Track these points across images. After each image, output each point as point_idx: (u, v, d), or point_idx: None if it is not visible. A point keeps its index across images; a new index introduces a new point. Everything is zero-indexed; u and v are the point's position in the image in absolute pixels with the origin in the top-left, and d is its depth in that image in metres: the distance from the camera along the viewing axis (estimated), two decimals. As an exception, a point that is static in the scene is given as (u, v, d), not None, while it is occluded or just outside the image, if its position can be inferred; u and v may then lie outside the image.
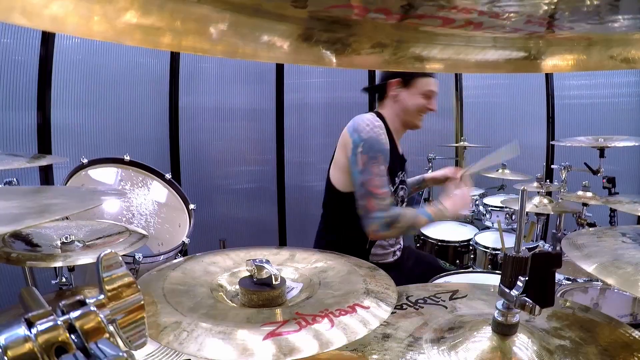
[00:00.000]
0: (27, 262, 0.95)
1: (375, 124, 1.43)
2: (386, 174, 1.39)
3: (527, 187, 1.38)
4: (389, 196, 1.37)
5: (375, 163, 1.37)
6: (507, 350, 0.59)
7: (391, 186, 1.47)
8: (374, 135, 1.39)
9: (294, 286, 0.74)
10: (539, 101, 3.16)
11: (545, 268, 0.54)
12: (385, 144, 1.41)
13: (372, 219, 1.36)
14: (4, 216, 0.66)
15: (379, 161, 1.37)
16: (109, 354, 0.28)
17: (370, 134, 1.39)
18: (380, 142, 1.40)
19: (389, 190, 1.39)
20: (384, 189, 1.36)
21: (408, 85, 1.50)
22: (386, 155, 1.40)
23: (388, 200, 1.37)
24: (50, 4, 0.36)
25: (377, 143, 1.39)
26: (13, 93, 2.21)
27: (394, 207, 1.39)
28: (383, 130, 1.42)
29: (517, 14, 0.48)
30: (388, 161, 1.40)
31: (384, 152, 1.39)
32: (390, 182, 1.46)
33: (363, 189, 1.37)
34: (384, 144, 1.40)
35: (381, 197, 1.35)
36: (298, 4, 0.46)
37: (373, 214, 1.35)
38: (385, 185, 1.37)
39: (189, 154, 2.90)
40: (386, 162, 1.39)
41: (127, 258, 1.47)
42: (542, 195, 1.87)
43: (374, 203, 1.35)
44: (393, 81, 1.51)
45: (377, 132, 1.40)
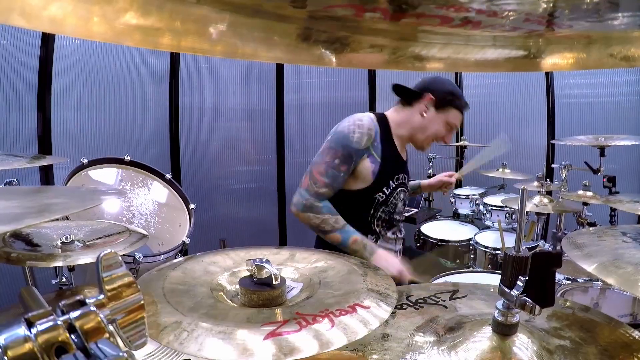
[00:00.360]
0: (27, 262, 0.95)
1: (357, 123, 1.41)
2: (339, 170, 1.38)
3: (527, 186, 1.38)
4: (325, 188, 1.37)
5: (332, 154, 1.38)
6: (507, 350, 0.58)
7: (385, 189, 1.47)
8: (346, 131, 1.39)
9: (294, 286, 0.74)
10: (539, 100, 3.16)
11: (546, 268, 0.54)
12: (356, 143, 1.38)
13: (297, 193, 1.41)
14: (4, 216, 0.67)
15: (336, 153, 1.38)
16: (109, 354, 0.28)
17: (344, 130, 1.40)
18: (348, 139, 1.38)
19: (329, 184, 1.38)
20: (324, 178, 1.37)
21: (439, 108, 1.49)
22: (350, 154, 1.38)
23: (322, 190, 1.37)
24: (49, 6, 0.36)
25: (344, 138, 1.38)
26: (13, 94, 2.22)
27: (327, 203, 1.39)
28: (363, 131, 1.40)
29: (516, 12, 0.48)
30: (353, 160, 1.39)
31: (348, 149, 1.38)
32: (385, 184, 1.46)
33: (309, 166, 1.42)
34: (353, 142, 1.38)
35: (316, 183, 1.38)
36: (297, 4, 0.46)
37: (301, 189, 1.41)
38: (328, 177, 1.37)
39: (189, 154, 2.90)
40: (348, 160, 1.38)
41: (127, 258, 1.47)
42: (542, 195, 1.87)
43: (307, 182, 1.39)
44: (429, 95, 1.48)
45: (351, 129, 1.39)
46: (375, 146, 1.43)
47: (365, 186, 1.44)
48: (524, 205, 0.59)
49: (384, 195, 1.48)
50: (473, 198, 2.75)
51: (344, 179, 1.40)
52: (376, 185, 1.45)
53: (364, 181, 1.43)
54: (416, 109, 1.50)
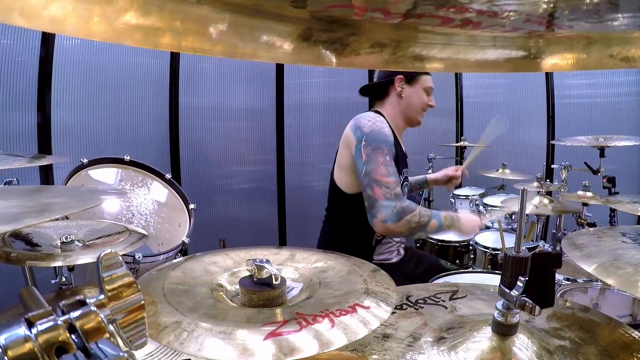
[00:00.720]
0: (27, 262, 0.95)
1: (376, 119, 1.42)
2: (393, 165, 1.35)
3: (527, 187, 1.38)
4: (397, 185, 1.30)
5: (380, 153, 1.32)
6: (507, 350, 0.59)
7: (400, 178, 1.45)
8: (376, 128, 1.38)
9: (294, 286, 0.74)
10: (539, 100, 3.16)
11: (545, 268, 0.54)
12: (390, 136, 1.39)
13: (379, 208, 1.28)
14: (4, 215, 0.66)
15: (383, 152, 1.33)
16: (109, 353, 0.28)
17: (373, 127, 1.38)
18: (383, 134, 1.38)
19: (397, 180, 1.32)
20: (391, 177, 1.30)
21: (411, 82, 1.52)
22: (391, 147, 1.37)
23: (397, 189, 1.29)
24: (49, 5, 0.36)
25: (380, 134, 1.37)
26: (13, 94, 2.22)
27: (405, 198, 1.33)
28: (386, 124, 1.42)
29: (516, 12, 0.48)
30: (394, 153, 1.38)
31: (388, 143, 1.37)
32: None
33: (367, 178, 1.31)
34: (388, 135, 1.39)
35: (388, 185, 1.28)
36: (298, 4, 0.46)
37: (380, 202, 1.28)
38: (393, 175, 1.31)
39: (189, 153, 2.90)
40: (392, 153, 1.37)
41: (127, 258, 1.47)
42: (542, 195, 1.87)
43: (381, 191, 1.28)
44: (398, 77, 1.51)
45: (379, 125, 1.39)
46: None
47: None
48: (524, 205, 0.59)
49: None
50: (473, 198, 2.75)
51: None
52: None
53: None
54: (393, 94, 1.54)
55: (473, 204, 2.74)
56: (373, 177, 1.31)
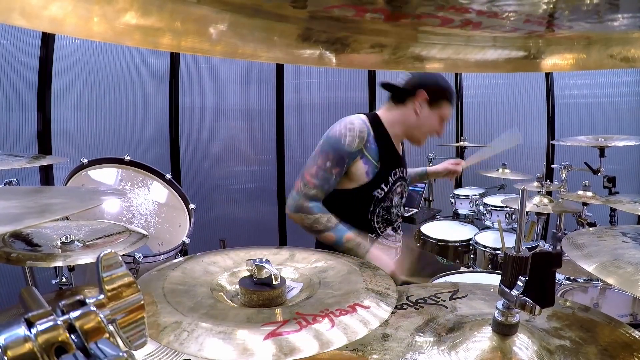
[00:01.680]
0: (27, 262, 0.95)
1: (349, 126, 1.41)
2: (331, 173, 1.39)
3: (527, 186, 1.38)
4: (315, 189, 1.39)
5: (324, 158, 1.40)
6: (507, 350, 0.59)
7: (384, 185, 1.47)
8: (337, 135, 1.41)
9: (294, 286, 0.74)
10: (539, 100, 3.16)
11: (546, 268, 0.54)
12: (348, 146, 1.39)
13: (289, 196, 1.43)
14: (4, 216, 0.66)
15: (328, 157, 1.39)
16: (109, 354, 0.28)
17: (335, 134, 1.41)
18: (339, 142, 1.39)
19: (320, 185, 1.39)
20: (315, 180, 1.39)
21: (433, 104, 1.50)
22: (343, 157, 1.39)
23: (312, 191, 1.39)
24: (49, 5, 0.36)
25: (336, 142, 1.40)
26: (13, 94, 2.22)
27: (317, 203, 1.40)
28: (354, 134, 1.40)
29: (516, 13, 0.48)
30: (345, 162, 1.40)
31: (339, 152, 1.39)
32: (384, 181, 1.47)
33: (301, 171, 1.43)
34: (345, 145, 1.39)
35: (307, 184, 1.40)
36: (298, 4, 0.46)
37: (292, 192, 1.42)
38: (319, 179, 1.39)
39: (189, 154, 2.90)
40: (339, 162, 1.39)
41: (127, 258, 1.47)
42: (542, 195, 1.87)
43: (299, 184, 1.41)
44: (422, 93, 1.48)
45: (342, 132, 1.40)
46: (369, 147, 1.44)
47: (361, 184, 1.44)
48: (524, 205, 0.59)
49: (383, 192, 1.48)
50: (473, 198, 2.75)
51: (335, 181, 1.41)
52: (374, 183, 1.45)
53: (358, 181, 1.44)
54: (409, 107, 1.50)
55: (473, 203, 2.74)
56: (302, 172, 1.43)
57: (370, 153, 1.44)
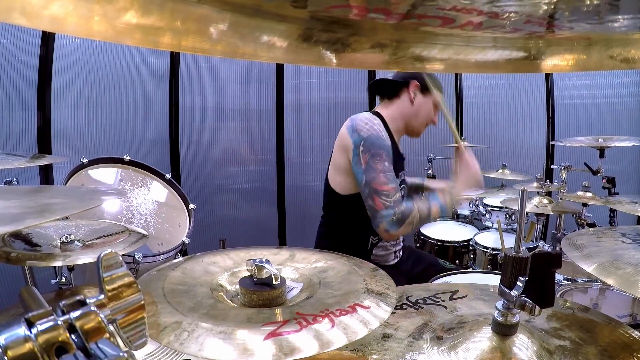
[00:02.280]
0: (27, 262, 0.95)
1: (373, 122, 1.40)
2: (392, 170, 1.36)
3: (527, 187, 1.37)
4: (396, 192, 1.32)
5: (379, 160, 1.33)
6: (506, 350, 0.59)
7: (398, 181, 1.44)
8: (374, 132, 1.36)
9: (294, 286, 0.74)
10: (539, 101, 3.16)
11: (545, 268, 0.54)
12: (387, 140, 1.38)
13: (380, 218, 1.31)
14: (4, 216, 0.66)
15: (382, 158, 1.33)
16: (109, 354, 0.28)
17: (370, 131, 1.36)
18: (381, 139, 1.37)
19: (396, 186, 1.33)
20: (390, 185, 1.31)
21: (425, 92, 1.50)
22: (389, 152, 1.37)
23: (396, 196, 1.31)
24: (49, 4, 0.36)
25: (378, 139, 1.36)
26: (13, 93, 2.21)
27: (403, 202, 1.34)
28: (382, 128, 1.40)
29: (517, 14, 0.48)
30: (392, 157, 1.37)
31: (386, 148, 1.36)
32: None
33: (368, 187, 1.33)
34: (385, 140, 1.38)
35: (387, 194, 1.30)
36: (298, 4, 0.46)
37: (381, 212, 1.30)
38: (392, 181, 1.33)
39: (189, 153, 2.90)
40: (390, 158, 1.36)
41: (126, 258, 1.47)
42: (542, 196, 1.87)
43: (381, 201, 1.30)
44: (414, 82, 1.49)
45: (376, 129, 1.37)
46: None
47: None
48: (524, 205, 0.59)
49: None
50: (472, 199, 2.75)
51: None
52: None
53: None
54: (404, 98, 1.51)
55: (473, 204, 2.74)
56: (373, 187, 1.32)
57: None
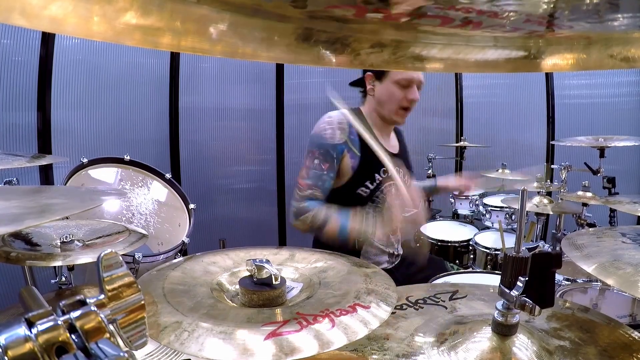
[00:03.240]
0: (27, 262, 0.95)
1: (327, 120, 1.43)
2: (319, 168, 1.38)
3: (527, 187, 1.37)
4: (309, 189, 1.38)
5: (310, 157, 1.40)
6: (506, 350, 0.59)
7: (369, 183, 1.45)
8: (317, 131, 1.42)
9: (294, 286, 0.74)
10: (539, 101, 3.16)
11: (545, 268, 0.54)
12: (330, 139, 1.39)
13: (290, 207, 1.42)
14: (4, 216, 0.66)
15: (313, 155, 1.40)
16: (109, 354, 0.28)
17: (316, 130, 1.42)
18: (321, 137, 1.40)
19: (312, 183, 1.38)
20: (306, 181, 1.38)
21: (380, 77, 1.49)
22: (327, 150, 1.38)
23: (306, 192, 1.38)
24: (49, 5, 0.36)
25: (317, 138, 1.41)
26: (13, 93, 2.21)
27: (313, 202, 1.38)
28: (334, 126, 1.41)
29: (517, 13, 0.48)
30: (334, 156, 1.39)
31: (324, 146, 1.39)
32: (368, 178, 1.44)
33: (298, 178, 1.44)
34: (327, 138, 1.39)
35: (301, 188, 1.39)
36: (297, 4, 0.46)
37: (292, 202, 1.41)
38: (309, 178, 1.38)
39: (189, 153, 2.90)
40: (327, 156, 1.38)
41: (126, 257, 1.47)
42: (542, 195, 1.87)
43: (295, 192, 1.41)
44: (368, 75, 1.52)
45: (322, 127, 1.41)
46: (352, 139, 1.42)
47: (346, 181, 1.43)
48: (524, 205, 0.59)
49: (368, 190, 1.45)
50: (473, 199, 2.75)
51: (330, 177, 1.39)
52: (356, 180, 1.43)
53: (344, 177, 1.43)
54: (369, 92, 1.55)
55: (473, 203, 2.74)
56: (297, 179, 1.43)
57: (354, 145, 1.43)
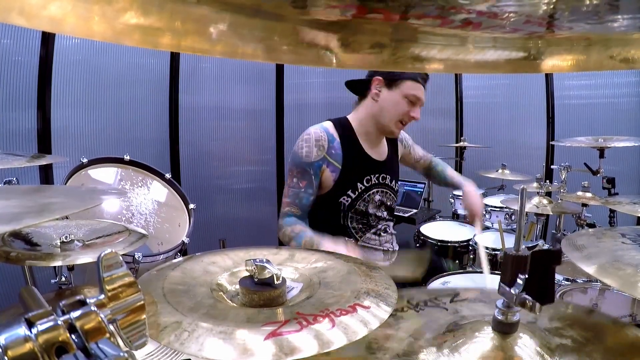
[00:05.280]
0: (27, 261, 0.95)
1: (305, 137, 1.44)
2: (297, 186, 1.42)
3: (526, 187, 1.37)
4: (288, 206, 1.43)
5: (290, 175, 1.45)
6: (508, 349, 0.59)
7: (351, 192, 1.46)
8: (295, 149, 1.45)
9: (293, 286, 0.74)
10: (539, 101, 3.16)
11: (545, 265, 0.54)
12: (306, 157, 1.41)
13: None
14: (3, 215, 0.66)
15: (292, 173, 1.44)
16: (109, 354, 0.28)
17: (295, 148, 1.45)
18: (297, 156, 1.43)
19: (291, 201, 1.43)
20: (287, 199, 1.44)
21: (391, 85, 1.43)
22: (303, 168, 1.42)
23: (285, 209, 1.43)
24: (48, 5, 0.36)
25: (294, 156, 1.44)
26: (13, 93, 2.21)
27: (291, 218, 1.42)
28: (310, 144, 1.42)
29: (517, 14, 0.48)
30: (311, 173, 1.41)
31: (300, 165, 1.42)
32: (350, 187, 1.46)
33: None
34: (303, 157, 1.41)
35: (283, 206, 1.44)
36: (298, 4, 0.46)
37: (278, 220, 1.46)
38: (290, 197, 1.43)
39: (189, 153, 2.90)
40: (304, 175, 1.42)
41: (126, 257, 1.47)
42: (541, 196, 1.87)
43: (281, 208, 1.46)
44: (376, 78, 1.45)
45: (300, 145, 1.43)
46: (333, 154, 1.43)
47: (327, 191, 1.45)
48: (524, 205, 0.59)
49: (350, 199, 1.46)
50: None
51: (308, 194, 1.42)
52: (337, 190, 1.44)
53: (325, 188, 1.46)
54: (371, 97, 1.48)
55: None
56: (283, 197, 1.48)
57: (336, 159, 1.43)
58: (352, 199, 1.47)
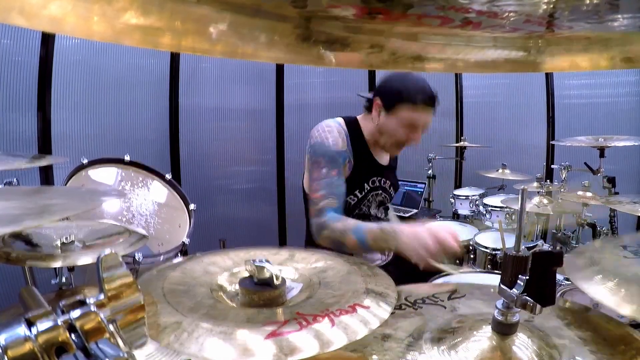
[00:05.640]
0: (27, 262, 0.96)
1: (326, 128, 1.39)
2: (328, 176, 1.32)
3: (527, 187, 1.37)
4: (324, 199, 1.30)
5: (317, 167, 1.34)
6: (507, 349, 0.59)
7: (358, 192, 1.44)
8: (318, 140, 1.37)
9: (293, 286, 0.74)
10: (539, 101, 3.16)
11: (546, 267, 0.54)
12: (334, 145, 1.35)
13: (311, 226, 1.32)
14: (3, 216, 0.66)
15: (320, 165, 1.34)
16: (109, 354, 0.28)
17: (317, 139, 1.37)
18: (324, 145, 1.35)
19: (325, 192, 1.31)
20: (320, 192, 1.31)
21: (389, 111, 1.38)
22: (332, 156, 1.34)
23: (322, 204, 1.29)
24: (48, 5, 0.36)
25: (320, 147, 1.36)
26: (13, 94, 2.21)
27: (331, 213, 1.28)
28: (334, 134, 1.37)
29: (517, 13, 0.48)
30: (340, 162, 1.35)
31: (328, 154, 1.34)
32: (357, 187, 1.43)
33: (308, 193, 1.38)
34: (330, 146, 1.35)
35: (316, 202, 1.30)
36: (297, 4, 0.46)
37: (311, 220, 1.33)
38: (322, 188, 1.31)
39: (189, 154, 2.90)
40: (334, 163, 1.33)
41: (127, 258, 1.47)
42: (542, 195, 1.87)
43: (312, 208, 1.33)
44: (376, 102, 1.41)
45: (323, 136, 1.37)
46: (349, 150, 1.42)
47: None
48: (524, 205, 0.59)
49: (356, 198, 1.45)
50: (473, 199, 2.74)
51: (341, 183, 1.35)
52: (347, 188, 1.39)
53: None
54: (372, 115, 1.44)
55: (473, 204, 2.74)
56: (309, 194, 1.37)
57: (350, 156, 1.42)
58: (358, 199, 1.46)
